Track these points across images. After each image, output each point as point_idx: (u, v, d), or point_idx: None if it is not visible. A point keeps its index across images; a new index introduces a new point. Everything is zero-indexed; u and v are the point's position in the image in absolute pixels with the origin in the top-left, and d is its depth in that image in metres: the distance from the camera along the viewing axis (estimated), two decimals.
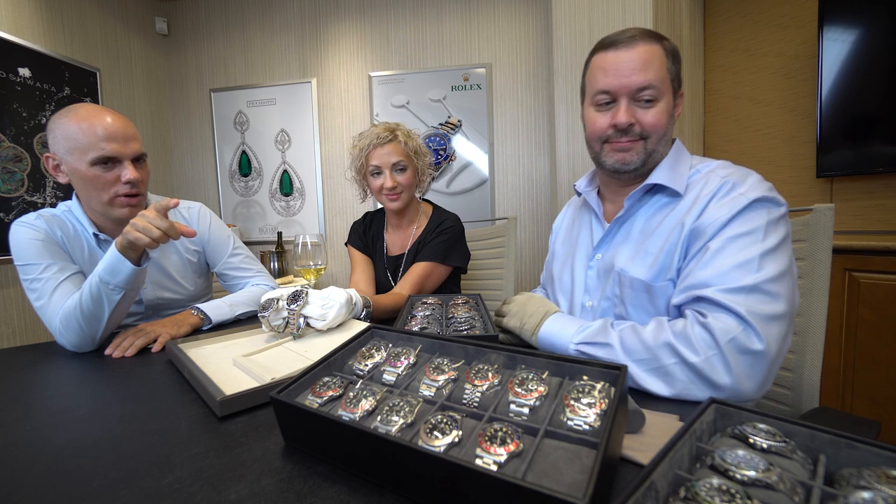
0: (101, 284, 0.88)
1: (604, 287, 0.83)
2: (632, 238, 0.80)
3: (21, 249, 0.98)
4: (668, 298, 0.73)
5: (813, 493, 0.32)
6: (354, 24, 2.88)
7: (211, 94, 3.04)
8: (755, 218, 0.67)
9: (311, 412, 0.45)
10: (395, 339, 0.64)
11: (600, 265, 0.84)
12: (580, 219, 0.96)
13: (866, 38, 1.70)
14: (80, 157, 0.96)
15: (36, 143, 2.18)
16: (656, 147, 0.78)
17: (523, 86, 2.74)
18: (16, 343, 2.08)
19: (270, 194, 3.06)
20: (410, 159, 1.26)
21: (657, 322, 0.67)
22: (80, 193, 1.04)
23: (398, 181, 1.23)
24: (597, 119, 0.80)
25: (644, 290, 0.75)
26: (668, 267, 0.73)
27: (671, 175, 0.78)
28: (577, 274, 0.89)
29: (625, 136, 0.77)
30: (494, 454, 0.37)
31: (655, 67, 0.74)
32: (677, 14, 2.08)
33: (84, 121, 0.97)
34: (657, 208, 0.79)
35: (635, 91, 0.75)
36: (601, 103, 0.79)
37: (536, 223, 2.78)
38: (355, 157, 1.28)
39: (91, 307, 0.89)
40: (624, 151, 0.78)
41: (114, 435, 0.54)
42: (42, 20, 2.26)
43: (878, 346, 1.43)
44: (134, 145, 1.02)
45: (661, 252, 0.74)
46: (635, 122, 0.76)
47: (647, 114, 0.76)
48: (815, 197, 1.95)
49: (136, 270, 0.88)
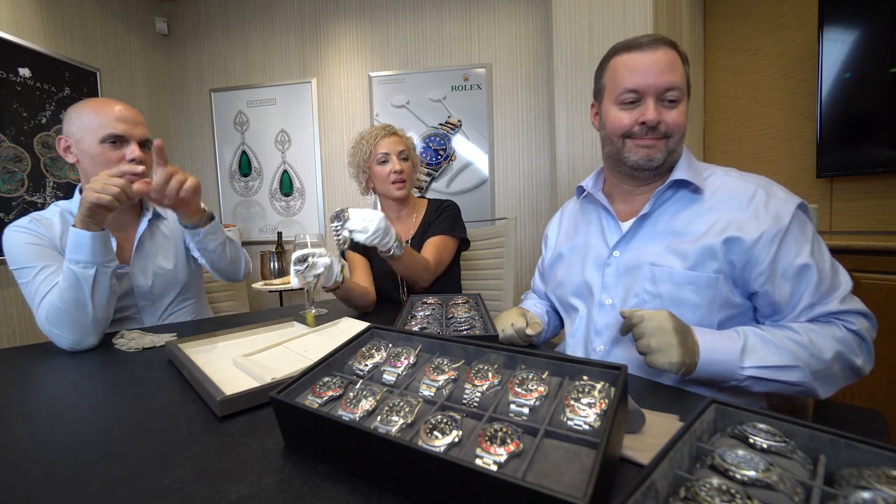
0: (72, 265, 0.91)
1: (628, 284, 0.82)
2: (658, 234, 0.80)
3: (15, 253, 0.98)
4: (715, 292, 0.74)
5: (813, 493, 0.32)
6: (354, 24, 2.88)
7: (211, 94, 3.04)
8: (806, 224, 0.73)
9: (311, 412, 0.45)
10: (395, 339, 0.64)
11: (620, 263, 0.83)
12: (584, 220, 0.96)
13: (866, 38, 1.70)
14: (92, 137, 1.03)
15: (36, 143, 2.18)
16: (676, 146, 0.80)
17: (523, 86, 2.74)
18: (16, 343, 2.07)
19: (270, 194, 3.06)
20: (410, 152, 1.38)
21: (816, 332, 0.69)
22: (86, 174, 1.08)
23: (403, 167, 1.33)
24: (621, 116, 0.81)
25: (689, 282, 0.75)
26: (704, 262, 0.74)
27: (691, 172, 0.80)
28: (591, 273, 0.88)
29: (650, 134, 0.79)
30: (494, 454, 0.37)
31: (679, 71, 0.78)
32: (677, 14, 2.08)
33: (98, 105, 1.06)
34: (681, 205, 0.81)
35: (662, 91, 0.77)
36: (626, 101, 0.80)
37: (536, 223, 2.78)
38: (362, 147, 1.35)
39: (71, 293, 0.90)
40: (649, 148, 0.80)
41: (114, 435, 0.54)
42: (42, 20, 2.26)
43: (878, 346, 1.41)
44: (142, 129, 1.09)
45: (697, 247, 0.74)
46: (661, 121, 0.78)
47: (671, 113, 0.78)
48: (815, 197, 1.95)
49: (95, 236, 0.91)
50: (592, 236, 0.91)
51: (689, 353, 0.65)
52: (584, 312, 0.89)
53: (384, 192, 1.35)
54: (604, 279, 0.86)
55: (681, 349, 0.64)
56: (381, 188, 1.35)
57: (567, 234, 1.00)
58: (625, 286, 0.82)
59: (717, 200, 0.77)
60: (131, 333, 0.97)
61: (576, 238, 0.96)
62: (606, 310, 0.85)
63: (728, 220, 0.74)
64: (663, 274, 0.77)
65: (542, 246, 1.11)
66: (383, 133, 1.34)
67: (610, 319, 0.83)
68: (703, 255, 0.74)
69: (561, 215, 1.07)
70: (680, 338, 0.65)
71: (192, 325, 1.15)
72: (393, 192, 1.33)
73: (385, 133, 1.34)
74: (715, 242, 0.73)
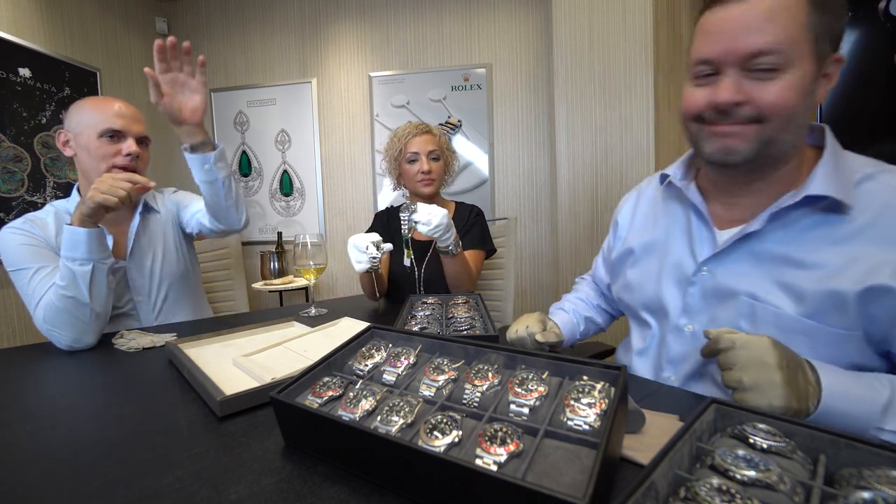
0: (68, 262, 0.91)
1: (716, 313, 0.64)
2: (763, 261, 0.60)
3: (11, 255, 0.99)
4: (840, 352, 0.55)
5: (813, 494, 0.32)
6: (354, 24, 2.88)
7: (211, 94, 3.04)
8: None
9: (311, 412, 0.45)
10: (395, 339, 0.64)
11: (708, 283, 0.65)
12: (667, 213, 0.76)
13: (866, 38, 1.70)
14: (90, 131, 1.05)
15: (36, 143, 2.18)
16: (779, 135, 0.57)
17: (523, 86, 2.74)
18: (16, 343, 2.07)
19: (270, 194, 3.06)
20: (443, 151, 1.39)
21: None
22: (82, 169, 1.10)
23: (432, 167, 1.35)
24: (693, 94, 0.62)
25: (803, 333, 0.56)
26: (828, 312, 0.55)
27: (837, 181, 0.56)
28: (668, 288, 0.71)
29: (727, 119, 0.59)
30: (494, 454, 0.37)
31: (782, 22, 0.53)
32: (677, 14, 2.08)
33: (98, 102, 1.09)
34: (804, 228, 0.58)
35: (746, 58, 0.55)
36: (700, 76, 0.61)
37: (536, 223, 2.78)
38: (393, 146, 1.39)
39: (69, 291, 0.91)
40: (726, 137, 0.59)
41: (114, 435, 0.54)
42: (42, 20, 2.26)
43: None
44: (139, 126, 1.11)
45: (822, 290, 0.55)
46: (746, 101, 0.56)
47: (766, 88, 0.55)
48: None
49: (91, 233, 0.92)
50: (675, 239, 0.72)
51: (800, 396, 0.48)
52: (657, 333, 0.73)
53: (412, 189, 1.40)
54: (685, 299, 0.68)
55: (786, 390, 0.48)
56: (410, 186, 1.40)
57: (642, 225, 0.81)
58: (711, 314, 0.65)
59: (870, 222, 0.54)
60: (131, 333, 0.97)
61: (654, 233, 0.77)
62: (685, 337, 0.68)
63: (881, 258, 0.52)
64: (767, 314, 0.58)
65: (609, 231, 0.92)
66: (415, 132, 1.37)
67: (688, 349, 0.67)
68: (827, 303, 0.54)
69: (637, 198, 0.86)
70: (786, 375, 0.48)
71: (192, 325, 1.15)
72: (420, 190, 1.36)
73: (417, 132, 1.37)
74: (849, 290, 0.52)
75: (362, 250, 1.04)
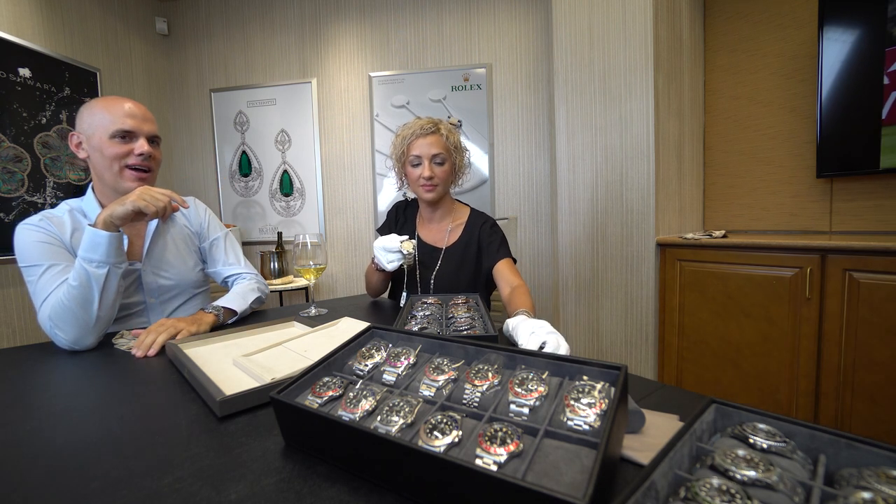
0: (85, 263, 0.91)
1: None
2: None
3: (25, 251, 0.99)
4: None
5: (813, 493, 0.32)
6: (354, 24, 2.88)
7: (211, 94, 3.04)
8: None
9: (311, 412, 0.45)
10: (395, 339, 0.64)
11: None
12: None
13: (866, 38, 1.70)
14: (103, 132, 1.05)
15: (36, 143, 2.18)
16: None
17: (523, 86, 2.74)
18: (16, 343, 2.07)
19: (270, 194, 3.06)
20: (450, 153, 1.29)
21: None
22: (96, 170, 1.09)
23: (436, 172, 1.27)
24: None
25: None
26: None
27: None
28: None
29: None
30: (494, 454, 0.37)
31: None
32: (677, 14, 2.08)
33: (109, 102, 1.08)
34: None
35: None
36: None
37: (536, 223, 2.78)
38: (397, 145, 1.32)
39: (80, 291, 0.91)
40: None
41: (114, 435, 0.54)
42: (42, 20, 2.26)
43: (878, 346, 1.42)
44: (151, 126, 1.11)
45: None
46: None
47: None
48: (815, 197, 1.95)
49: (112, 236, 0.93)
50: None
51: None
52: None
53: (415, 192, 1.34)
54: None
55: None
56: (413, 189, 1.34)
57: None
58: None
59: None
60: (131, 333, 0.98)
61: None
62: None
63: None
64: None
65: None
66: (420, 132, 1.27)
67: None
68: None
69: None
70: None
71: None
72: (422, 195, 1.31)
73: (422, 133, 1.27)
74: None
75: (393, 249, 1.13)
